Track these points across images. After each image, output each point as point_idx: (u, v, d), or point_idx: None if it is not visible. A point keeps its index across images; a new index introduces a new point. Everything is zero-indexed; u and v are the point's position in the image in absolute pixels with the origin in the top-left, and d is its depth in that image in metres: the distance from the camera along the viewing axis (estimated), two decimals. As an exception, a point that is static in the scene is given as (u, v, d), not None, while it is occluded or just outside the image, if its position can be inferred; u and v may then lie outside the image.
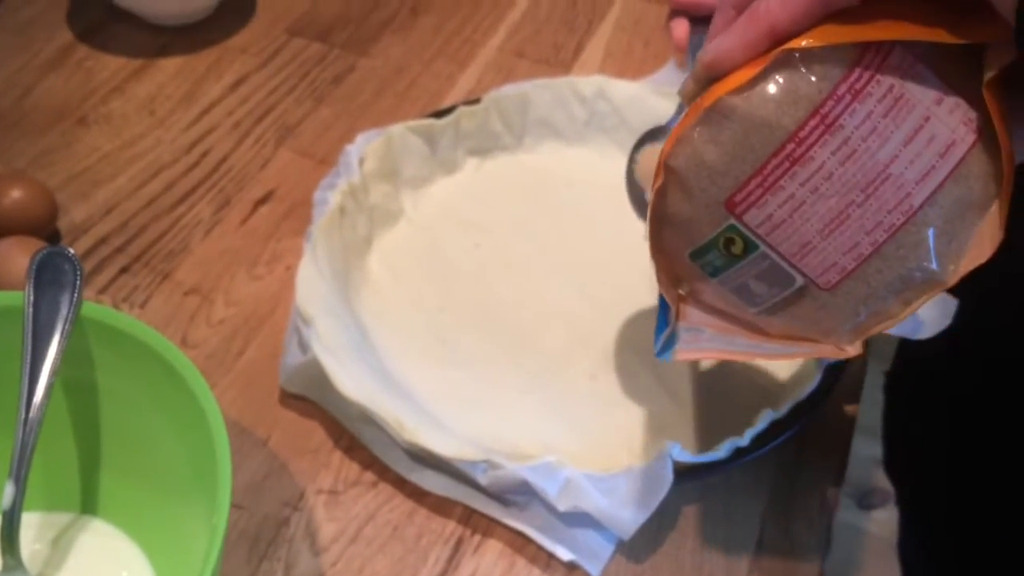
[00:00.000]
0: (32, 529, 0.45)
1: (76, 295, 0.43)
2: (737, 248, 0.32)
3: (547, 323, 0.58)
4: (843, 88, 0.29)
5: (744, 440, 0.48)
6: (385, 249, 0.61)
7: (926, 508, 0.79)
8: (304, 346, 0.52)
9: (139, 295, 0.59)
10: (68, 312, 0.42)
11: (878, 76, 0.29)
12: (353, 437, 0.51)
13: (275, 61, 0.76)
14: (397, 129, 0.63)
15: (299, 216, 0.63)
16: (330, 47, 0.78)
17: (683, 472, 0.47)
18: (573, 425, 0.53)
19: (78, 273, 0.44)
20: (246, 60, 0.76)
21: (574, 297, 0.59)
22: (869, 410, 0.80)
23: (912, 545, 0.83)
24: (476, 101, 0.66)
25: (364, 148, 0.62)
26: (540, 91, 0.67)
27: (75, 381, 0.44)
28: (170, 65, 0.75)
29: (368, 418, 0.49)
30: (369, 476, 0.51)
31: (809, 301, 0.32)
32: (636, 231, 0.63)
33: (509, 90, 0.67)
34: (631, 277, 0.60)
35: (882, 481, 1.01)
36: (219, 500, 0.37)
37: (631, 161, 0.55)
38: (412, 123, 0.64)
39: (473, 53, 0.78)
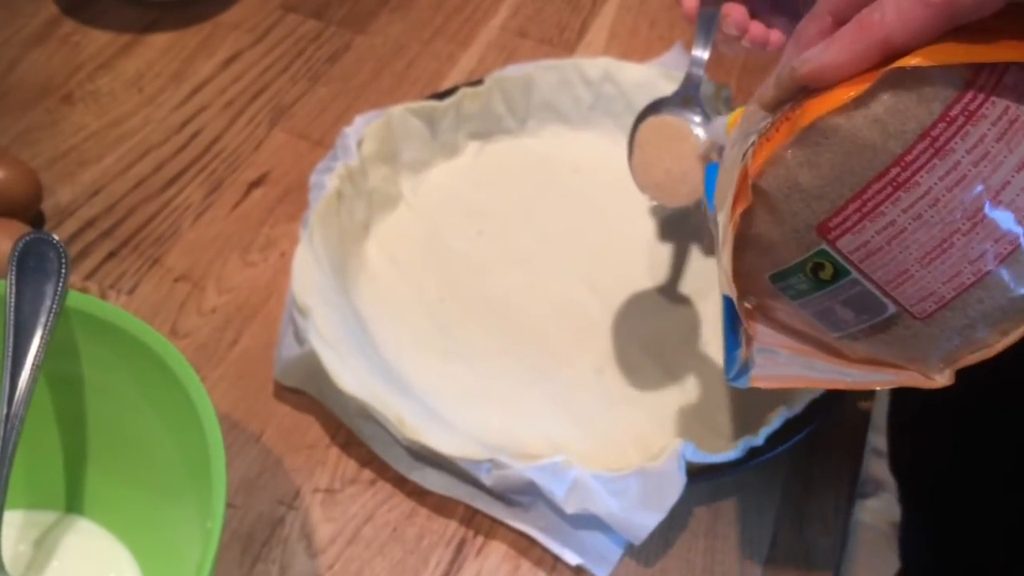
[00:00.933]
0: (14, 528, 0.43)
1: (61, 284, 0.41)
2: (826, 274, 0.30)
3: (552, 314, 0.56)
4: (956, 110, 0.27)
5: (759, 439, 0.47)
6: (384, 236, 0.59)
7: (930, 504, 0.78)
8: (300, 337, 0.50)
9: (127, 281, 0.56)
10: (52, 302, 0.40)
11: (993, 98, 0.27)
12: (351, 433, 0.50)
13: (269, 38, 0.74)
14: (397, 111, 0.61)
15: (294, 200, 0.61)
16: (326, 24, 0.75)
17: (696, 472, 0.46)
18: (580, 421, 0.51)
19: (63, 261, 0.41)
20: (239, 36, 0.73)
21: (579, 288, 0.57)
22: (875, 404, 0.79)
23: (915, 541, 0.82)
24: (479, 82, 0.64)
25: (363, 130, 0.59)
26: (545, 73, 0.65)
27: (60, 374, 0.42)
28: (160, 41, 0.72)
29: (367, 414, 0.47)
30: (367, 474, 0.49)
31: (900, 329, 0.30)
32: (644, 220, 0.62)
33: (513, 71, 0.65)
34: (638, 267, 0.59)
35: (875, 470, 1.00)
36: (213, 504, 0.35)
37: (633, 133, 0.53)
38: (413, 104, 0.61)
39: (474, 32, 0.75)
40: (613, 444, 0.50)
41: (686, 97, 0.53)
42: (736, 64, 0.73)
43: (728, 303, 0.36)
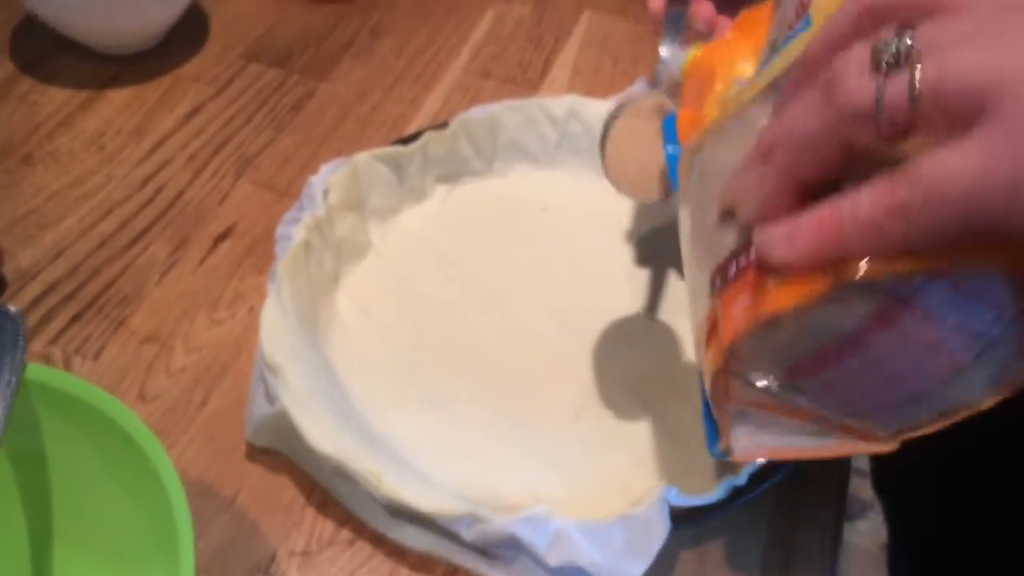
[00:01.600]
0: (-21, 611, 0.42)
1: (19, 357, 0.39)
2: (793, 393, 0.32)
3: (526, 358, 0.55)
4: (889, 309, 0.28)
5: (741, 478, 0.46)
6: (354, 285, 0.58)
7: (913, 519, 0.78)
8: (271, 396, 0.49)
9: (92, 345, 0.55)
10: (10, 377, 0.39)
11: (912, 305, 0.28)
12: (327, 492, 0.48)
13: (231, 89, 0.73)
14: (362, 158, 0.60)
15: (261, 253, 0.60)
16: (288, 72, 0.75)
17: (680, 516, 0.45)
18: (559, 468, 0.50)
19: (21, 332, 0.40)
20: (200, 88, 0.73)
21: (554, 328, 0.57)
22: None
23: (900, 557, 0.82)
24: (444, 125, 0.63)
25: (328, 178, 0.59)
26: (510, 113, 0.65)
27: (21, 451, 0.41)
28: (119, 97, 0.72)
29: (343, 472, 0.46)
30: (345, 534, 0.47)
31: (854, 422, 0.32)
32: (616, 255, 0.61)
33: (478, 112, 0.65)
34: (613, 304, 0.58)
35: (861, 491, 1.00)
36: (181, 579, 0.34)
37: (606, 131, 0.52)
38: (378, 151, 0.61)
39: (437, 75, 0.75)
40: (596, 491, 0.49)
41: (655, 94, 0.53)
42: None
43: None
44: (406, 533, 0.46)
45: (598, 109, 0.65)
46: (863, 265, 0.26)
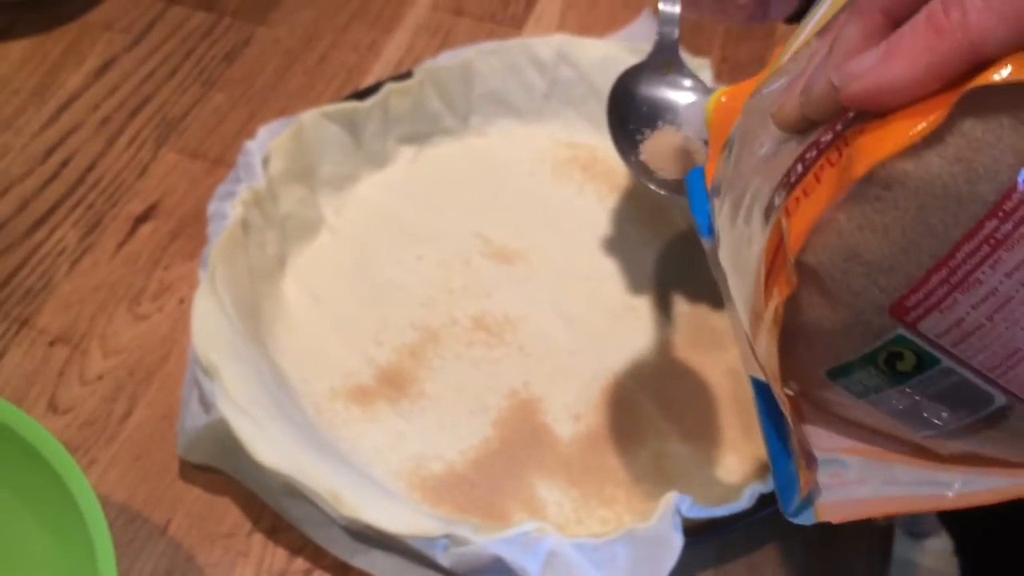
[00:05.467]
0: None
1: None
2: (906, 364, 0.27)
3: (515, 352, 0.57)
4: None
5: (769, 485, 0.47)
6: (304, 270, 0.60)
7: (984, 554, 0.79)
8: (207, 403, 0.50)
9: (-9, 349, 0.57)
10: None
11: None
12: (277, 516, 0.50)
13: (149, 37, 0.74)
14: (310, 117, 0.61)
15: (191, 235, 0.62)
16: (219, 15, 0.76)
17: (696, 530, 0.46)
18: (555, 481, 0.52)
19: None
20: (112, 38, 0.74)
21: (546, 316, 0.58)
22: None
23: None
24: (407, 75, 0.65)
25: (268, 144, 0.60)
26: (487, 58, 0.66)
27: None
28: (14, 50, 0.73)
29: (294, 491, 0.47)
30: (301, 564, 0.49)
31: (1012, 423, 0.28)
32: (615, 228, 0.63)
33: (448, 59, 0.66)
34: (613, 287, 0.60)
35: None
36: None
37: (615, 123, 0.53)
38: (328, 108, 0.62)
39: (399, 13, 0.76)
40: (598, 505, 0.51)
41: (664, 63, 0.54)
42: (717, 32, 0.75)
43: (762, 392, 0.33)
44: (372, 559, 0.48)
45: (593, 49, 0.67)
46: (1006, 66, 0.23)
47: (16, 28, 0.74)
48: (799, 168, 0.28)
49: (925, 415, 0.29)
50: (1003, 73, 0.23)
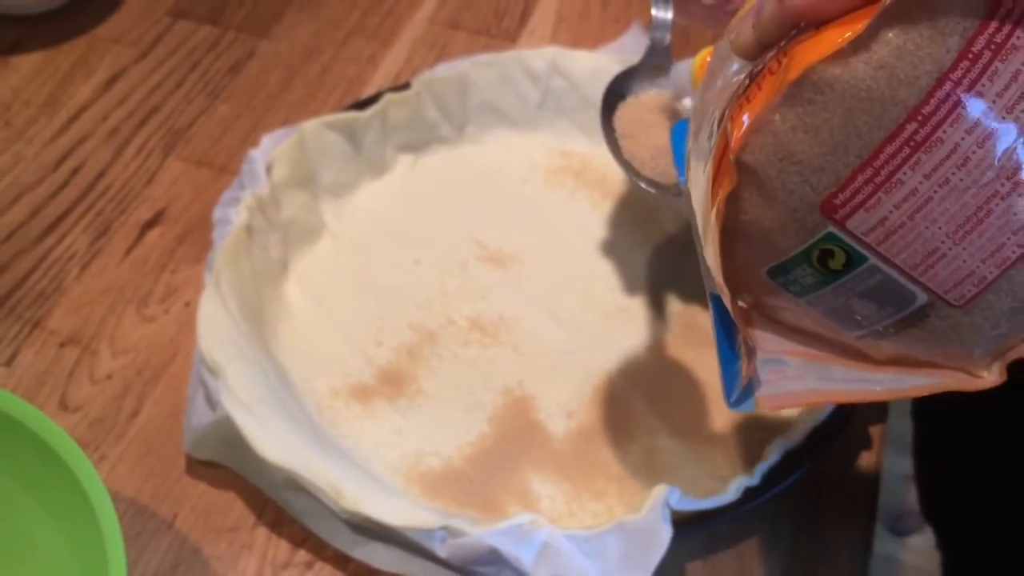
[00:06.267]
0: None
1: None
2: (836, 262, 0.29)
3: (510, 352, 0.57)
4: (979, 44, 0.25)
5: (754, 478, 0.48)
6: (305, 273, 0.60)
7: (967, 551, 0.79)
8: (212, 401, 0.50)
9: (3, 350, 0.57)
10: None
11: None
12: (280, 509, 0.50)
13: (156, 51, 0.74)
14: (311, 126, 0.62)
15: (197, 240, 0.62)
16: (223, 29, 0.76)
17: (684, 522, 0.47)
18: (548, 475, 0.52)
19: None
20: (120, 51, 0.74)
21: (539, 318, 0.59)
22: (899, 420, 0.80)
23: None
24: (405, 86, 0.65)
25: (271, 152, 0.60)
26: (482, 70, 0.67)
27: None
28: (27, 63, 0.73)
29: (297, 485, 0.48)
30: (303, 556, 0.49)
31: (934, 320, 0.29)
32: (607, 233, 0.63)
33: (444, 71, 0.66)
34: (606, 288, 0.60)
35: (913, 501, 1.01)
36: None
37: (606, 122, 0.54)
38: (329, 117, 0.62)
39: (398, 27, 0.77)
40: (590, 498, 0.51)
41: (655, 66, 0.55)
42: (705, 42, 0.75)
43: (718, 305, 0.35)
44: (372, 551, 0.48)
45: (584, 61, 0.67)
46: None
47: (28, 41, 0.75)
48: (746, 82, 0.29)
49: (856, 314, 0.30)
50: None
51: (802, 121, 0.27)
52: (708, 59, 0.42)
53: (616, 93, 0.55)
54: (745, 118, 0.28)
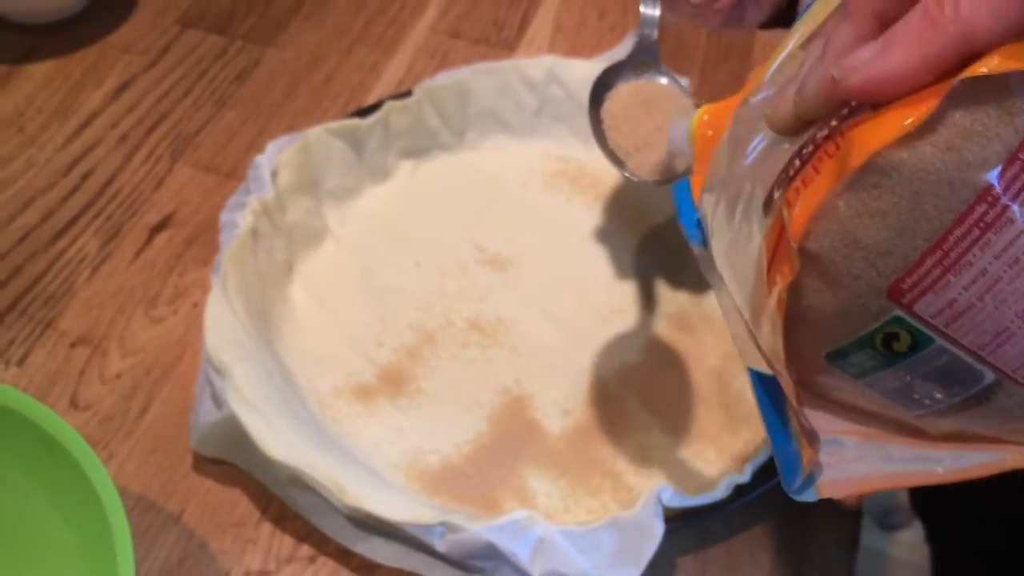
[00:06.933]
0: None
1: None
2: (901, 345, 0.28)
3: (505, 352, 0.57)
4: None
5: (744, 476, 0.48)
6: (309, 275, 0.60)
7: (957, 543, 0.79)
8: (219, 400, 0.51)
9: (16, 350, 0.57)
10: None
11: None
12: (284, 505, 0.50)
13: (165, 59, 0.75)
14: (315, 133, 0.62)
15: (204, 243, 0.62)
16: (230, 39, 0.77)
17: (676, 518, 0.47)
18: (545, 473, 0.52)
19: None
20: (130, 60, 0.74)
21: (536, 320, 0.59)
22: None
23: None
24: (407, 94, 0.65)
25: (277, 158, 0.60)
26: (481, 78, 0.67)
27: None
28: (39, 71, 0.73)
29: (301, 482, 0.48)
30: (306, 550, 0.49)
31: (1000, 399, 0.28)
32: (603, 237, 0.63)
33: (445, 79, 0.66)
34: (601, 290, 0.60)
35: (905, 497, 1.02)
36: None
37: (593, 114, 0.54)
38: (332, 124, 0.63)
39: (400, 36, 0.77)
40: (585, 494, 0.51)
41: (643, 62, 0.55)
42: (699, 49, 0.75)
43: (761, 383, 0.34)
44: (373, 546, 0.48)
45: (580, 70, 0.67)
46: (993, 58, 0.23)
47: (40, 50, 0.75)
48: (796, 163, 0.28)
49: (918, 394, 0.29)
50: (990, 65, 0.24)
51: (867, 206, 0.26)
52: (706, 118, 0.42)
53: (604, 85, 0.55)
54: (805, 204, 0.27)
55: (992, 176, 0.25)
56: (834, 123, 0.27)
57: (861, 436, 0.32)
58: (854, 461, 0.31)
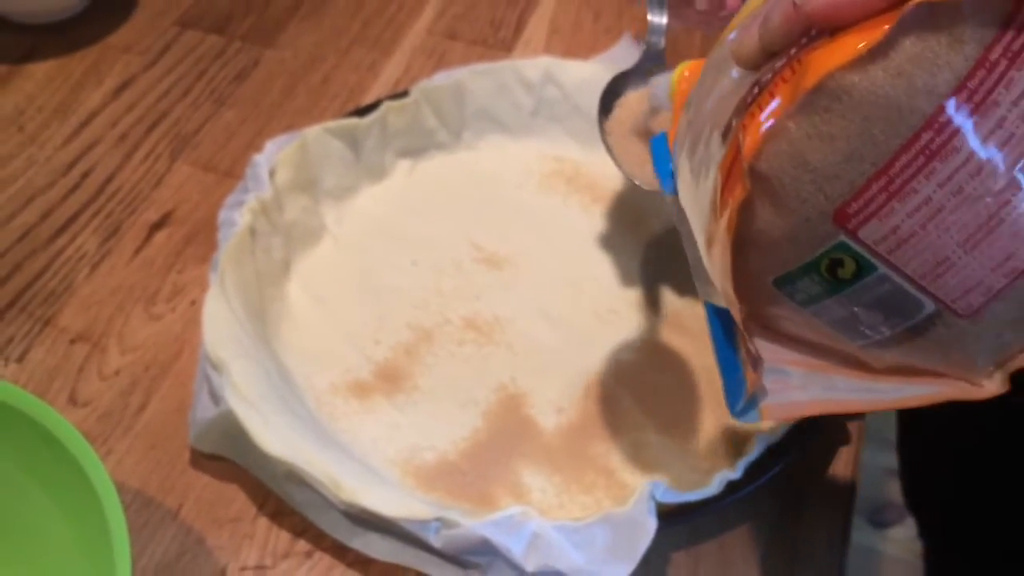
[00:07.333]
0: None
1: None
2: (846, 271, 0.28)
3: (501, 350, 0.57)
4: (996, 52, 0.25)
5: (736, 472, 0.48)
6: (307, 274, 0.60)
7: (950, 538, 0.79)
8: (216, 396, 0.50)
9: (16, 347, 0.56)
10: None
11: None
12: (280, 501, 0.50)
13: (164, 59, 0.74)
14: (313, 132, 0.62)
15: (203, 241, 0.62)
16: (229, 39, 0.76)
17: (669, 514, 0.47)
18: (539, 469, 0.52)
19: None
20: (130, 60, 0.74)
21: (532, 318, 0.59)
22: (877, 416, 0.80)
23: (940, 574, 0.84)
24: (404, 94, 0.65)
25: (275, 157, 0.60)
26: (478, 78, 0.67)
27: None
28: (40, 71, 0.73)
29: (297, 478, 0.48)
30: (302, 545, 0.49)
31: (940, 329, 0.29)
32: (598, 237, 0.63)
33: (442, 79, 0.66)
34: (596, 289, 0.60)
35: (896, 494, 1.02)
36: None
37: (602, 122, 0.54)
38: (330, 124, 0.62)
39: (397, 37, 0.77)
40: (580, 491, 0.51)
41: (650, 69, 0.55)
42: (693, 51, 0.75)
43: (715, 313, 0.34)
44: (369, 541, 0.48)
45: (577, 71, 0.67)
46: None
47: (41, 50, 0.74)
48: (755, 90, 0.28)
49: (862, 324, 0.29)
50: None
51: (818, 129, 0.26)
52: (686, 73, 0.42)
53: (612, 94, 0.55)
54: (758, 126, 0.27)
55: (940, 103, 0.25)
56: (793, 51, 0.27)
57: (807, 367, 0.32)
58: (797, 389, 0.32)
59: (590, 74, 0.67)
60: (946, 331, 0.29)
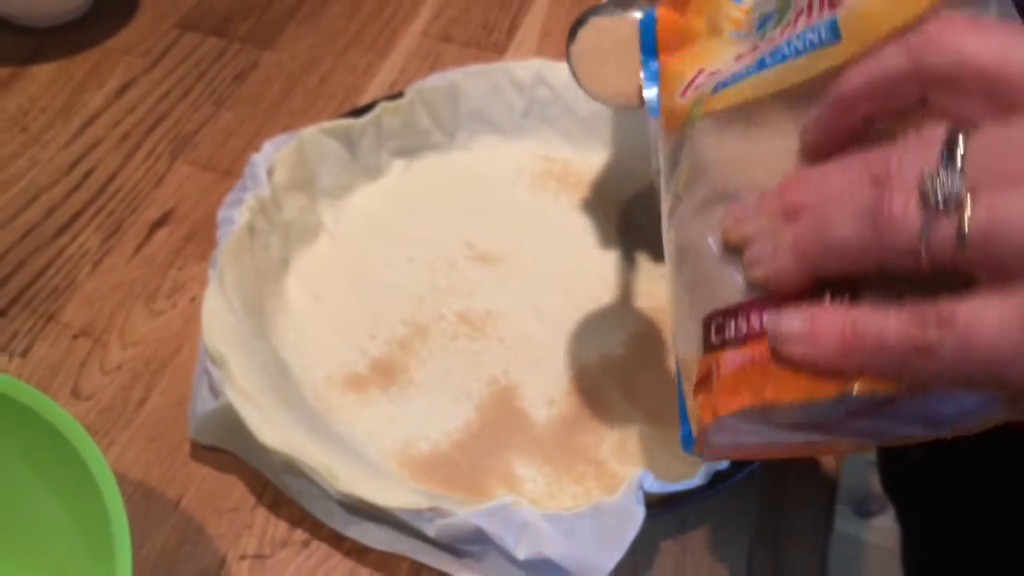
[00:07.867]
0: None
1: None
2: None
3: (494, 344, 0.57)
4: None
5: (723, 463, 0.48)
6: (304, 270, 0.60)
7: (927, 521, 0.80)
8: (216, 390, 0.51)
9: (19, 342, 0.57)
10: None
11: None
12: (279, 491, 0.50)
13: (165, 61, 0.75)
14: (310, 132, 0.62)
15: (202, 239, 0.62)
16: (228, 41, 0.77)
17: (657, 504, 0.47)
18: (531, 460, 0.52)
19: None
20: (131, 62, 0.74)
21: (524, 314, 0.59)
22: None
23: (917, 560, 0.84)
24: (399, 95, 0.65)
25: (273, 156, 0.60)
26: (471, 80, 0.67)
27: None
28: (43, 73, 0.73)
29: (295, 469, 0.48)
30: (300, 534, 0.49)
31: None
32: (589, 235, 0.63)
33: (436, 80, 0.66)
34: (586, 285, 0.60)
35: (877, 485, 1.02)
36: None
37: (570, 43, 0.54)
38: (327, 124, 0.63)
39: (393, 40, 0.77)
40: (571, 481, 0.51)
41: (618, 2, 0.54)
42: None
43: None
44: (365, 531, 0.48)
45: (567, 74, 0.66)
46: (877, 383, 0.28)
47: (44, 52, 0.75)
48: (730, 331, 0.32)
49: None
50: (873, 388, 0.28)
51: (761, 412, 0.32)
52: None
53: (581, 24, 0.54)
54: (728, 398, 0.32)
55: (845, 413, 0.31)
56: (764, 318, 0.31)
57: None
58: (743, 434, 0.34)
59: (581, 76, 0.67)
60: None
